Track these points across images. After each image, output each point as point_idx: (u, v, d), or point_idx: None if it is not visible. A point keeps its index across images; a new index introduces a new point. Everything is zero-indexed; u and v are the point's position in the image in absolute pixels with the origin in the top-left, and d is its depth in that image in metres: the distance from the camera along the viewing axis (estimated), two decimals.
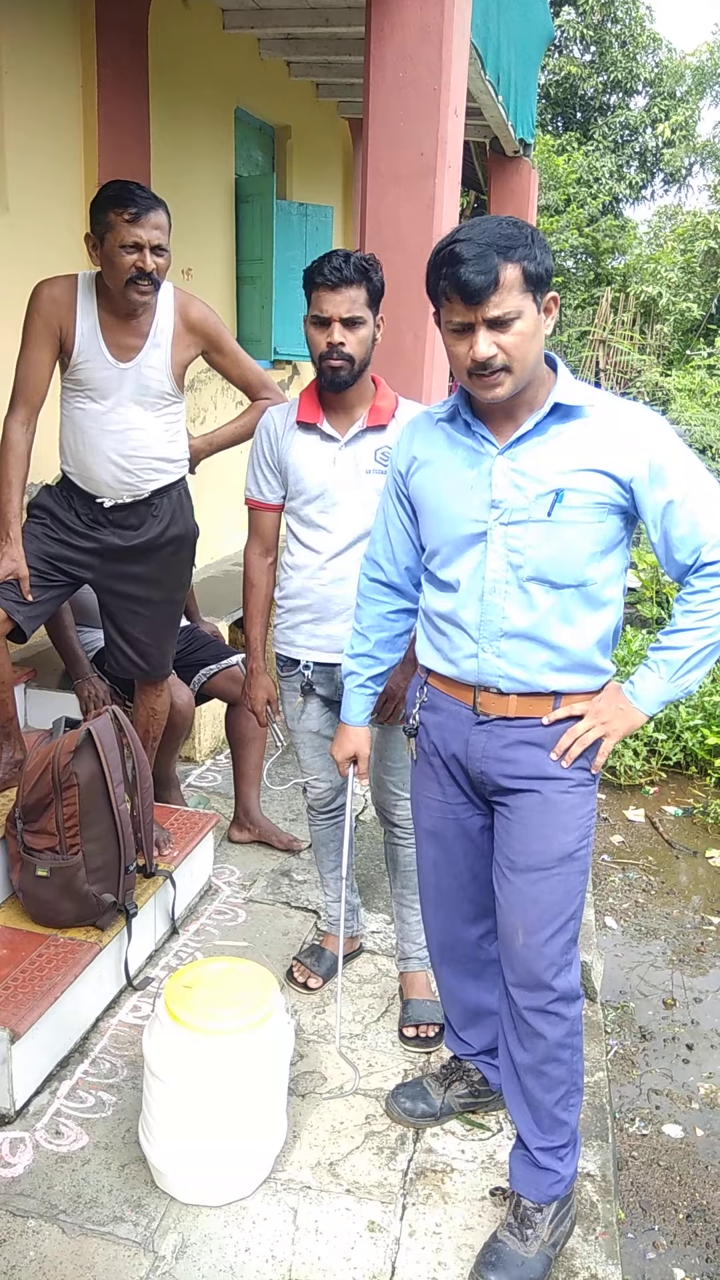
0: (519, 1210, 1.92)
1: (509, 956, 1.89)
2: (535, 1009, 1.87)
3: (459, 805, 1.99)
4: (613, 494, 1.72)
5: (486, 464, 1.77)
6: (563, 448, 1.72)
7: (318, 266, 2.21)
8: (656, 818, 4.39)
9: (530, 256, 1.62)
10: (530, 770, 1.84)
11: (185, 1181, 1.99)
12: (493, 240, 1.59)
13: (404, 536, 1.98)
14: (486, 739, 1.87)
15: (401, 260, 3.08)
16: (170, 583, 2.83)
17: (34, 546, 2.64)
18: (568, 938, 1.86)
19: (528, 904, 1.85)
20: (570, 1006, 1.88)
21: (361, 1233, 1.96)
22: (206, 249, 5.56)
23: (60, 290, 2.53)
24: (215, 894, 3.12)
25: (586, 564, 1.74)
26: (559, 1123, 1.92)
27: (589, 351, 14.07)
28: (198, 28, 5.09)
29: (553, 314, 1.70)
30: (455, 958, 2.16)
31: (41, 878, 2.41)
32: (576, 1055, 1.92)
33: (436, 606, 1.89)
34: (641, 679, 1.79)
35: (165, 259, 2.46)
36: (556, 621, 1.77)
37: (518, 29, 5.51)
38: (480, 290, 1.59)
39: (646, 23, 18.29)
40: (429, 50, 3.11)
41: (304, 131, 6.83)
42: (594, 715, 1.81)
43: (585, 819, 1.86)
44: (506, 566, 1.77)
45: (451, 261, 1.61)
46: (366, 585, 2.08)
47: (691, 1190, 2.46)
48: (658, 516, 1.71)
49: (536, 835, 1.84)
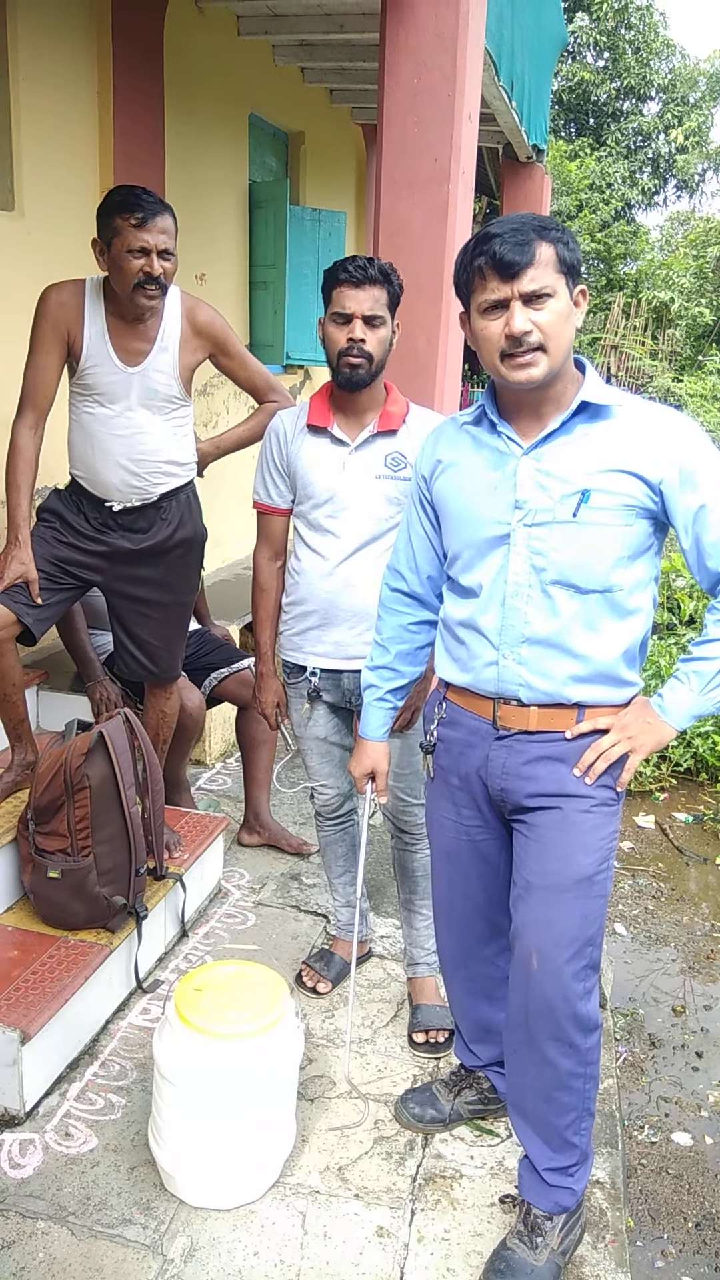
0: (529, 1218, 1.90)
1: (524, 980, 1.81)
2: (548, 1036, 1.80)
3: (474, 827, 1.94)
4: (641, 496, 1.67)
5: (511, 464, 1.74)
6: (590, 448, 1.69)
7: (341, 265, 2.22)
8: (667, 824, 4.38)
9: (564, 241, 1.63)
10: (551, 787, 1.78)
11: (194, 1185, 1.99)
12: (528, 221, 1.62)
13: (426, 544, 1.95)
14: (507, 755, 1.82)
15: (414, 266, 3.08)
16: (179, 585, 2.84)
17: (43, 550, 2.65)
18: (584, 964, 1.78)
19: (543, 926, 1.78)
20: (586, 1037, 1.80)
21: (370, 1238, 1.96)
22: (220, 254, 5.58)
23: (68, 295, 2.54)
24: (225, 897, 3.13)
25: (613, 569, 1.70)
26: (569, 1145, 1.87)
27: (601, 357, 14.06)
28: (213, 35, 5.11)
29: (582, 306, 1.69)
30: (468, 975, 2.13)
31: (53, 879, 2.42)
32: (590, 1084, 1.85)
33: (456, 614, 1.86)
34: (671, 691, 1.73)
35: (172, 263, 2.47)
36: (580, 628, 1.72)
37: (531, 35, 5.52)
38: (516, 263, 1.59)
39: (660, 29, 18.33)
40: (443, 57, 3.12)
41: (317, 137, 6.85)
42: (620, 729, 1.75)
43: (607, 840, 1.79)
44: (529, 569, 1.73)
45: (487, 240, 1.62)
46: (388, 595, 2.05)
47: (701, 1199, 2.45)
48: (689, 522, 1.66)
49: (554, 855, 1.77)
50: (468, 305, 1.71)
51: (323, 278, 2.27)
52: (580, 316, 1.69)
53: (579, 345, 15.00)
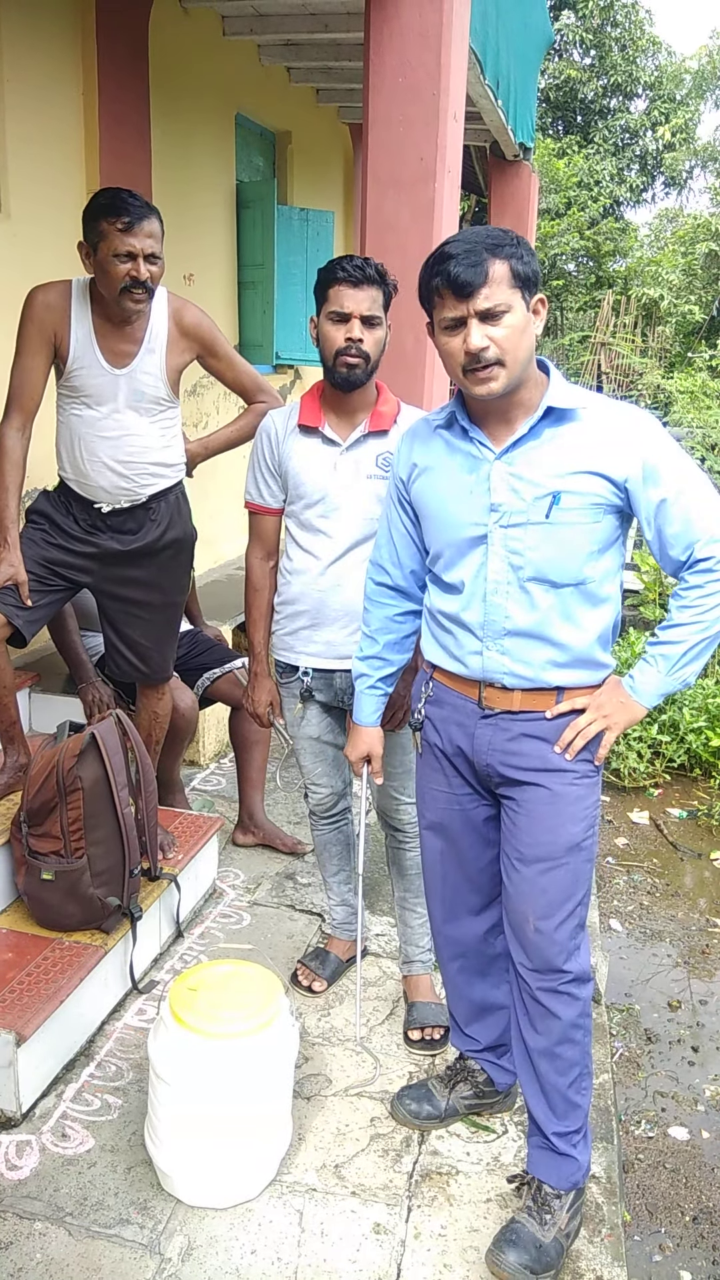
0: (539, 1195, 1.95)
1: (521, 942, 1.93)
2: (549, 990, 1.91)
3: (464, 796, 2.02)
4: (608, 494, 1.76)
5: (485, 469, 1.81)
6: (557, 451, 1.77)
7: (337, 264, 2.23)
8: (661, 820, 4.39)
9: (517, 255, 1.69)
10: (535, 763, 1.88)
11: (191, 1184, 2.00)
12: (481, 240, 1.68)
13: (407, 540, 2.02)
14: (492, 732, 1.91)
15: (402, 265, 3.07)
16: (169, 586, 2.84)
17: (32, 551, 2.65)
18: (576, 923, 1.91)
19: (537, 894, 1.89)
20: (582, 988, 1.93)
21: (367, 1235, 1.97)
22: (208, 254, 5.57)
23: (54, 296, 2.54)
24: (220, 897, 3.13)
25: (585, 563, 1.79)
26: (573, 1105, 1.96)
27: (590, 355, 14.08)
28: (198, 34, 5.11)
29: (541, 315, 1.75)
30: (461, 952, 2.18)
31: (46, 881, 2.42)
32: (588, 1037, 1.97)
33: (442, 607, 1.93)
34: (640, 673, 1.84)
35: (159, 266, 2.47)
36: (558, 619, 1.81)
37: (517, 34, 5.52)
38: (470, 283, 1.66)
39: (646, 26, 18.34)
40: (428, 56, 3.12)
41: (305, 137, 6.85)
42: (595, 709, 1.85)
43: (591, 809, 1.90)
44: (507, 568, 1.81)
45: (442, 260, 1.69)
46: (373, 589, 2.12)
47: (698, 1193, 2.46)
48: (651, 514, 1.76)
49: (544, 827, 1.88)
50: (432, 319, 1.79)
51: (317, 276, 2.27)
52: (540, 325, 1.76)
53: (569, 344, 15.06)
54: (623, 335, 13.97)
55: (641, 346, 14.11)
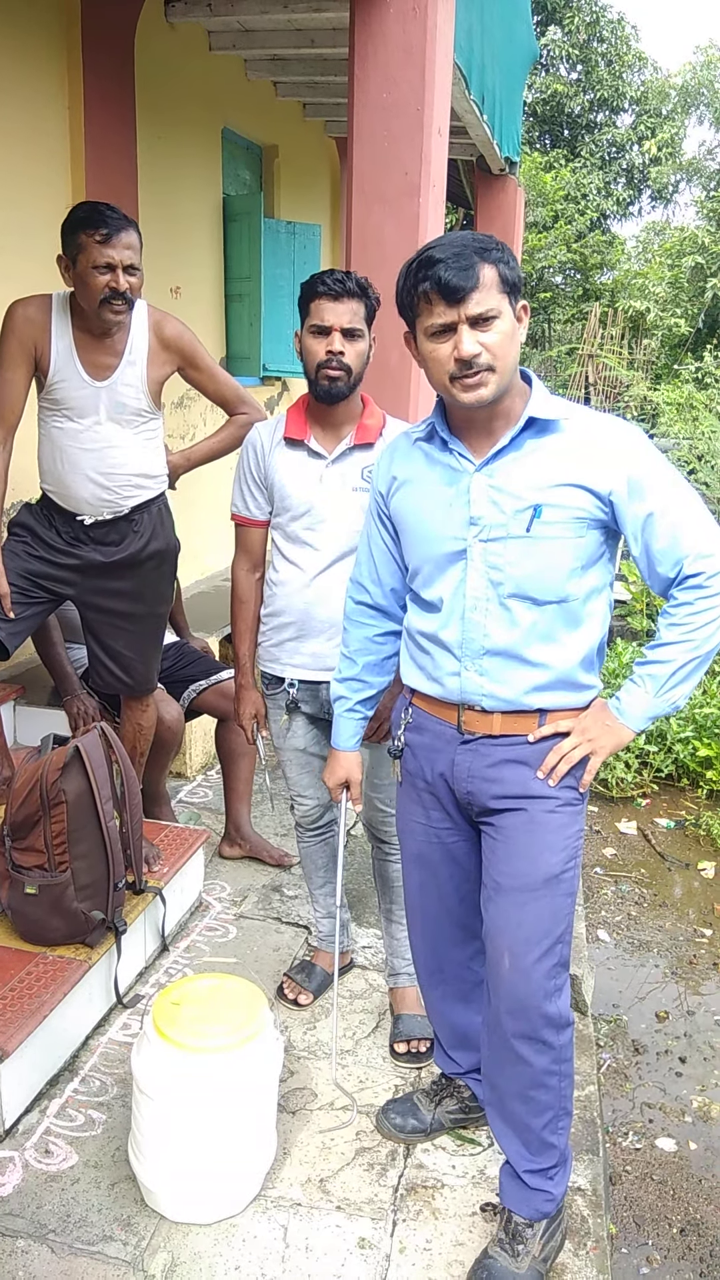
0: (510, 1226, 1.91)
1: (496, 981, 1.85)
2: (522, 1035, 1.83)
3: (444, 829, 1.97)
4: (592, 508, 1.71)
5: (464, 481, 1.77)
6: (540, 463, 1.72)
7: (319, 278, 2.23)
8: (648, 830, 4.39)
9: (504, 260, 1.65)
10: (516, 789, 1.81)
11: (175, 1200, 1.98)
12: (468, 243, 1.64)
13: (388, 558, 1.98)
14: (472, 758, 1.85)
15: (386, 279, 3.06)
16: (152, 597, 2.84)
17: (15, 564, 2.65)
18: (555, 961, 1.82)
19: (513, 927, 1.82)
20: (559, 1034, 1.84)
21: (352, 1249, 1.96)
22: (195, 267, 5.59)
23: (35, 310, 2.55)
24: (206, 910, 3.12)
25: (567, 579, 1.73)
26: (547, 1145, 1.89)
27: (578, 367, 14.15)
28: (184, 49, 5.13)
29: (524, 322, 1.71)
30: (443, 980, 2.14)
31: (30, 895, 2.40)
32: (565, 1081, 1.88)
33: (420, 626, 1.88)
34: (627, 694, 1.77)
35: (138, 278, 2.48)
36: (537, 639, 1.76)
37: (502, 49, 5.57)
38: (462, 287, 1.61)
39: (632, 42, 18.49)
40: (412, 72, 3.14)
41: (291, 151, 6.88)
42: (580, 732, 1.79)
43: (572, 839, 1.83)
44: (487, 584, 1.76)
45: (429, 264, 1.63)
46: (352, 609, 2.07)
47: (685, 1204, 2.45)
48: (638, 530, 1.70)
49: (522, 855, 1.81)
50: (412, 326, 1.73)
51: (300, 290, 2.28)
52: (523, 332, 1.72)
53: (556, 355, 15.14)
54: (610, 347, 14.06)
55: (628, 359, 14.19)
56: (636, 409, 11.89)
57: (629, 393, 12.73)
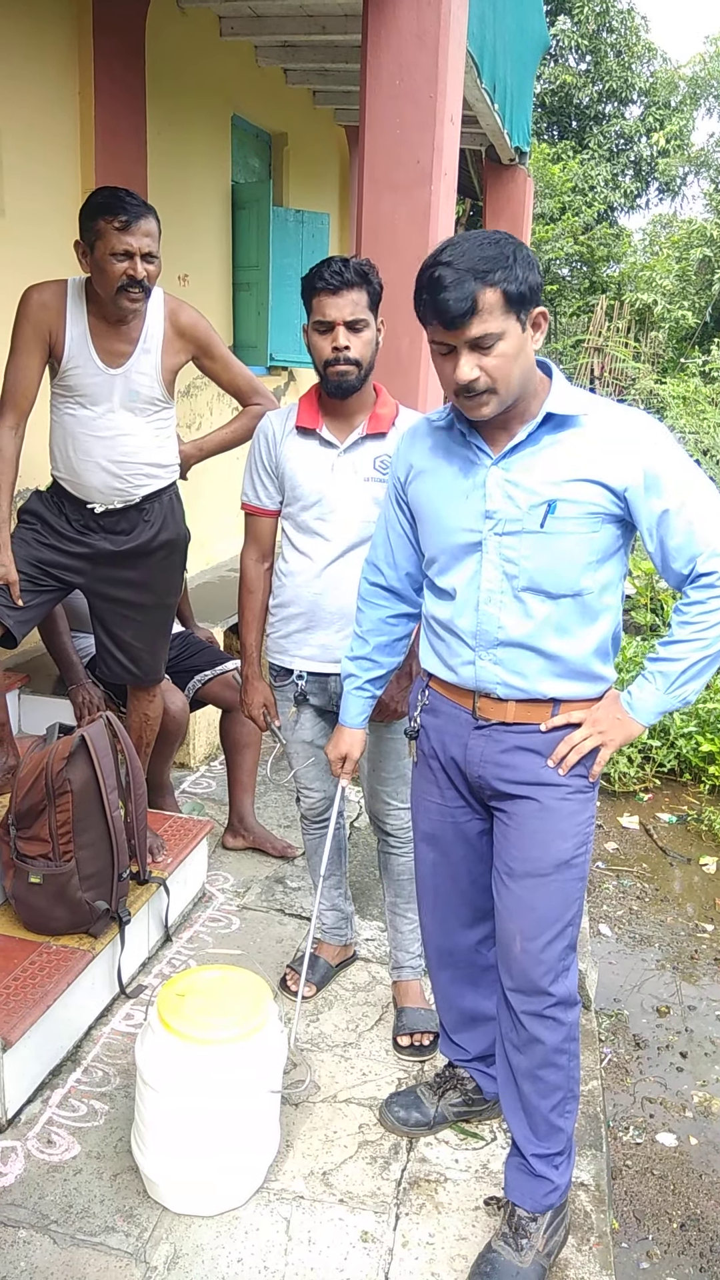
0: (513, 1220, 1.91)
1: (507, 962, 1.89)
2: (533, 1014, 1.87)
3: (457, 809, 1.99)
4: (607, 503, 1.70)
5: (481, 474, 1.77)
6: (556, 458, 1.71)
7: (317, 273, 2.19)
8: (651, 825, 4.39)
9: (510, 278, 1.60)
10: (527, 776, 1.84)
11: (177, 1191, 1.98)
12: (471, 265, 1.58)
13: (404, 542, 1.99)
14: (485, 743, 1.87)
15: (397, 267, 3.07)
16: (161, 587, 2.83)
17: (24, 551, 2.63)
18: (565, 944, 1.87)
19: (525, 910, 1.85)
20: (568, 1012, 1.89)
21: (355, 1243, 1.95)
22: (203, 255, 5.56)
23: (50, 295, 2.52)
24: (209, 901, 3.11)
25: (582, 574, 1.73)
26: (555, 1129, 1.92)
27: (584, 359, 14.10)
28: (194, 35, 5.10)
29: (541, 329, 1.68)
30: (452, 963, 2.16)
31: (34, 885, 2.40)
32: (573, 1061, 1.92)
33: (437, 613, 1.90)
34: (639, 689, 1.79)
35: (156, 266, 2.45)
36: (552, 631, 1.77)
37: (513, 38, 5.53)
38: (458, 316, 1.60)
39: (641, 33, 18.40)
40: (425, 58, 3.12)
41: (301, 138, 6.85)
42: (591, 724, 1.80)
43: (583, 826, 1.86)
44: (501, 576, 1.77)
45: (432, 288, 1.61)
46: (367, 589, 2.09)
47: (686, 1199, 2.45)
48: (653, 525, 1.70)
49: (534, 842, 1.84)
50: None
51: (301, 285, 2.25)
52: (540, 338, 1.69)
53: (563, 348, 15.08)
54: (616, 340, 14.01)
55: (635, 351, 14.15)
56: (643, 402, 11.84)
57: (635, 386, 12.69)
